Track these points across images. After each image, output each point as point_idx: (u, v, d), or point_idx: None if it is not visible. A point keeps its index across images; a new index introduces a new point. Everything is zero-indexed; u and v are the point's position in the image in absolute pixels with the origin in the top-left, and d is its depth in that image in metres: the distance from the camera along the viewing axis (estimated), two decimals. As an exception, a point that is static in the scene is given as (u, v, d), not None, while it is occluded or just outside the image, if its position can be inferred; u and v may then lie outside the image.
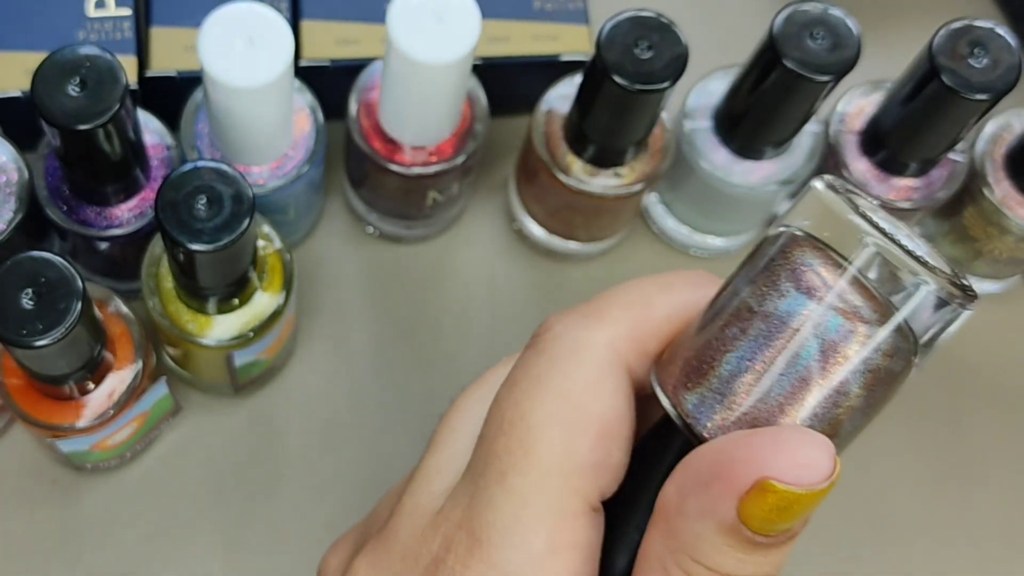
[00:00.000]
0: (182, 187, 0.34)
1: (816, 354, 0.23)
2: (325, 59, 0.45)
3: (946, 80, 0.40)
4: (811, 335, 0.23)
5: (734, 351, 0.23)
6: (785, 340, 0.23)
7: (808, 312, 0.23)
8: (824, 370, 0.23)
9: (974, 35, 0.40)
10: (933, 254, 0.24)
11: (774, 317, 0.23)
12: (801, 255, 0.23)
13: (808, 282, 0.23)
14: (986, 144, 0.47)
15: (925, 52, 0.41)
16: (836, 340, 0.23)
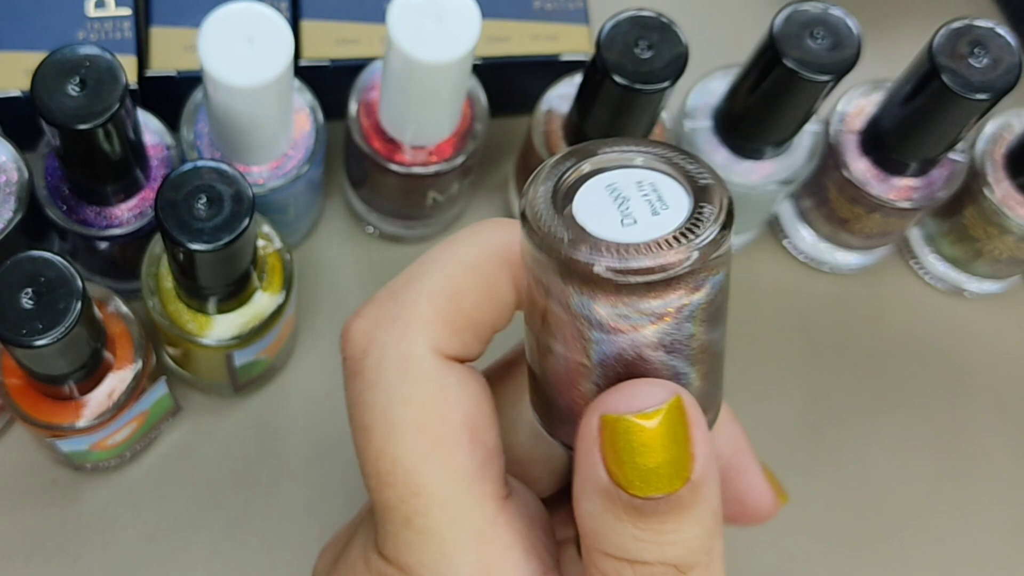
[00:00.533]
0: (182, 187, 0.34)
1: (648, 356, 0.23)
2: (325, 59, 0.45)
3: (946, 80, 0.40)
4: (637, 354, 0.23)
5: (584, 389, 0.23)
6: (623, 367, 0.23)
7: (620, 341, 0.22)
8: (655, 357, 0.23)
9: (974, 35, 0.40)
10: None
11: (600, 363, 0.23)
12: (575, 299, 0.23)
13: (599, 319, 0.22)
14: (986, 144, 0.47)
15: (925, 52, 0.41)
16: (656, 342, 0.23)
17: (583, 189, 0.23)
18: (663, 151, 0.24)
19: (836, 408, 0.49)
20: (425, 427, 0.24)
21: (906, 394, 0.50)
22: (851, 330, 0.51)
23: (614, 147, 0.24)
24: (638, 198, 0.23)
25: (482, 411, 0.25)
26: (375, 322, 0.25)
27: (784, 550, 0.46)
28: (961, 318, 0.52)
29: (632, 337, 0.22)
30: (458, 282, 0.25)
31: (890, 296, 0.52)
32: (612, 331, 0.22)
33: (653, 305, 0.22)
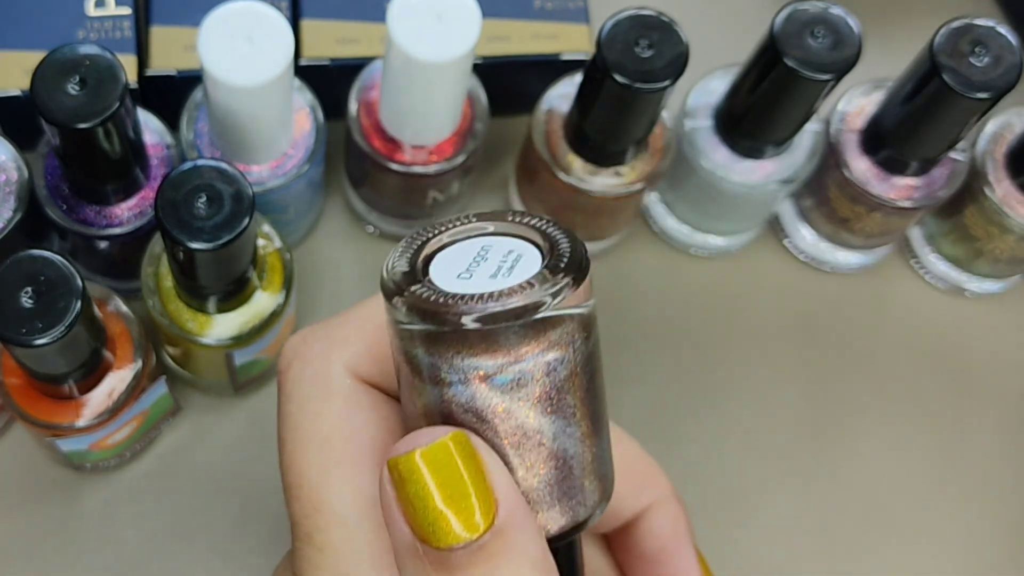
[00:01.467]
0: (182, 186, 0.34)
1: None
2: (325, 58, 0.45)
3: (947, 79, 0.40)
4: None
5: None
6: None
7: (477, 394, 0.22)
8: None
9: (975, 34, 0.40)
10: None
11: (424, 414, 0.23)
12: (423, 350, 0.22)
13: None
14: (987, 143, 0.47)
15: (926, 51, 0.41)
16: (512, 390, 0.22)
17: (439, 256, 0.23)
18: (520, 219, 0.24)
19: (836, 408, 0.49)
20: (330, 443, 0.25)
21: (907, 394, 0.50)
22: (852, 330, 0.51)
23: (471, 220, 0.24)
24: (484, 261, 0.23)
25: (393, 438, 0.25)
26: (303, 339, 0.26)
27: (784, 549, 0.46)
28: (962, 318, 0.51)
29: (445, 392, 0.22)
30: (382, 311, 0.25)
31: (891, 296, 0.52)
32: (431, 382, 0.22)
33: (469, 362, 0.21)
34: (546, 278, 0.22)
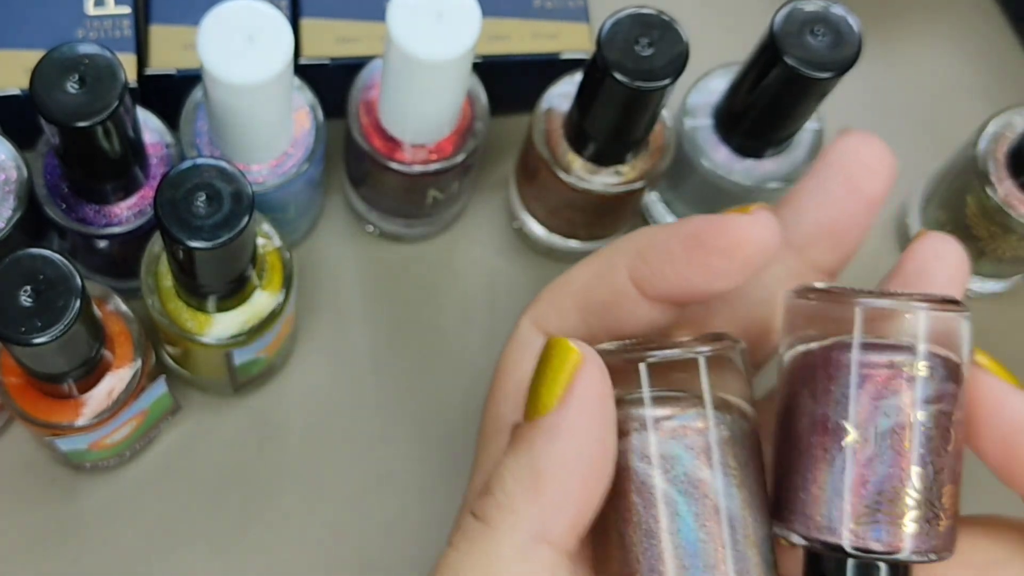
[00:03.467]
0: (181, 185, 0.34)
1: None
2: (325, 57, 0.45)
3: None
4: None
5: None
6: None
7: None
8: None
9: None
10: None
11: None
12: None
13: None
14: (988, 143, 0.47)
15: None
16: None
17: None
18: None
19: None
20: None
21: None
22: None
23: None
24: None
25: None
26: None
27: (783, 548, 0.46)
28: (963, 317, 0.51)
29: (629, 440, 0.24)
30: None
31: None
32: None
33: (651, 412, 0.24)
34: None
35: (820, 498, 0.24)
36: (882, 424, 0.23)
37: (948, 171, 0.49)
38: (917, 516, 0.23)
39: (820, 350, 0.24)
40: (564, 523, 0.24)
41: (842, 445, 0.23)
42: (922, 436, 0.23)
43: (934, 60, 0.56)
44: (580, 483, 0.23)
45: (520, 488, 0.24)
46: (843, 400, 0.23)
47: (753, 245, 0.24)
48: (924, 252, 0.28)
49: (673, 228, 0.26)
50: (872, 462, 0.23)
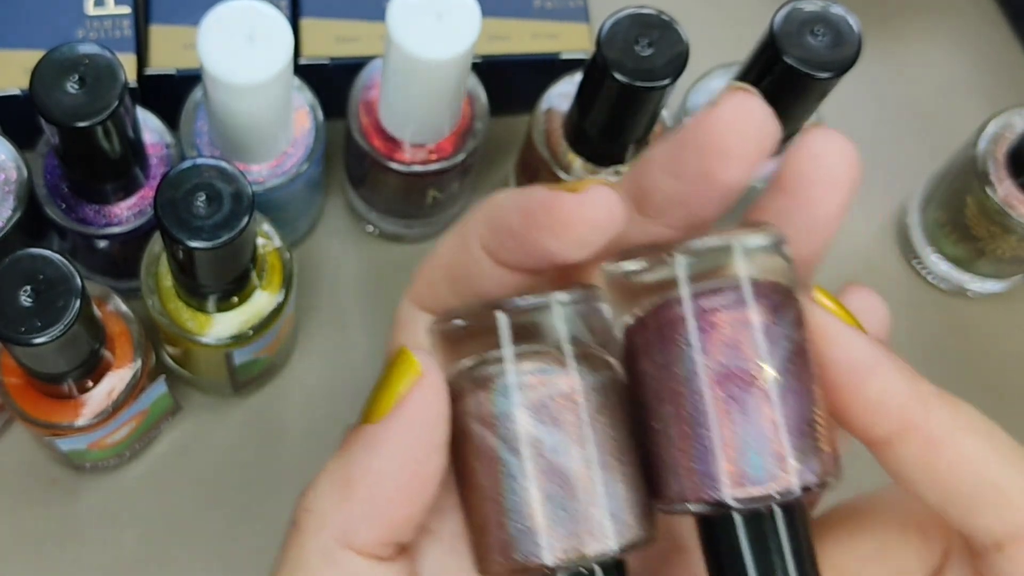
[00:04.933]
0: (181, 185, 0.34)
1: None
2: (325, 57, 0.45)
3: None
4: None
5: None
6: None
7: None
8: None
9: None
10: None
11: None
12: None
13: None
14: (988, 143, 0.47)
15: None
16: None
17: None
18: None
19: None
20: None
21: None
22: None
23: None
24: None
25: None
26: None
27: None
28: (964, 318, 0.51)
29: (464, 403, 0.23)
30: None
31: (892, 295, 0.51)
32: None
33: (481, 371, 0.23)
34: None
35: (693, 460, 0.22)
36: (737, 370, 0.22)
37: (948, 171, 0.49)
38: (801, 445, 0.22)
39: (654, 312, 0.23)
40: (371, 534, 0.23)
41: (702, 402, 0.22)
42: (779, 369, 0.22)
43: (934, 60, 0.56)
44: (391, 498, 0.23)
45: (328, 492, 0.24)
46: (687, 358, 0.22)
47: (583, 225, 0.22)
48: (802, 155, 0.25)
49: (515, 199, 0.24)
50: (735, 410, 0.22)
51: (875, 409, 0.24)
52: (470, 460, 0.23)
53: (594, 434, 0.23)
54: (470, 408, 0.23)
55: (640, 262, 0.23)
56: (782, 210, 0.25)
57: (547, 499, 0.22)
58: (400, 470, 0.23)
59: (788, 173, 0.25)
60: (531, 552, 0.22)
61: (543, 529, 0.22)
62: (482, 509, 0.23)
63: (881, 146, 0.54)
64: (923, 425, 0.23)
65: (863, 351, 0.24)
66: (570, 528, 0.22)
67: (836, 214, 0.25)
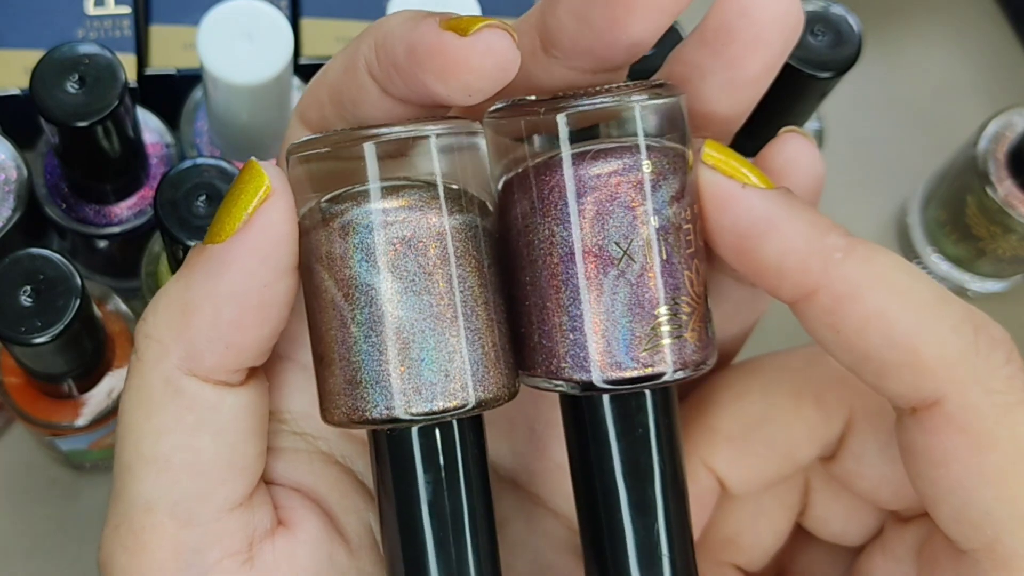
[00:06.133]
0: (181, 184, 0.34)
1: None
2: (325, 57, 0.45)
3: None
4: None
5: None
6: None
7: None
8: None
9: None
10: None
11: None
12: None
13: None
14: (989, 143, 0.47)
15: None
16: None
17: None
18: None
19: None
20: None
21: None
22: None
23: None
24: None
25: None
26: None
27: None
28: (963, 317, 0.51)
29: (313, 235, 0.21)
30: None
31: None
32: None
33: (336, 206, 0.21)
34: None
35: (562, 334, 0.21)
36: (620, 239, 0.21)
37: (948, 171, 0.49)
38: (683, 327, 0.21)
39: (536, 170, 0.21)
40: (215, 360, 0.22)
41: (576, 272, 0.21)
42: (664, 242, 0.21)
43: (934, 60, 0.56)
44: (236, 322, 0.21)
45: (167, 319, 0.22)
46: (568, 223, 0.21)
47: (470, 73, 0.20)
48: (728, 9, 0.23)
49: (403, 29, 0.22)
50: (609, 286, 0.21)
51: (776, 272, 0.22)
52: (312, 301, 0.22)
53: (449, 281, 0.21)
54: (312, 246, 0.21)
55: (520, 118, 0.21)
56: (702, 64, 0.23)
57: (385, 348, 0.20)
58: (245, 294, 0.21)
59: (712, 25, 0.23)
60: (368, 405, 0.21)
61: (379, 381, 0.21)
62: (323, 354, 0.22)
63: (881, 146, 0.54)
64: (826, 283, 0.21)
65: (755, 211, 0.22)
66: (413, 381, 0.20)
67: (762, 75, 0.23)
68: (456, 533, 0.21)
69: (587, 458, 0.22)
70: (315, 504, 0.24)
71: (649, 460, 0.21)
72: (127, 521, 0.22)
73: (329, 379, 0.22)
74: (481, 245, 0.21)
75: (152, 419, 0.22)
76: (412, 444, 0.21)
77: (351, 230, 0.21)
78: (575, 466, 0.22)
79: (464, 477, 0.21)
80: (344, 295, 0.21)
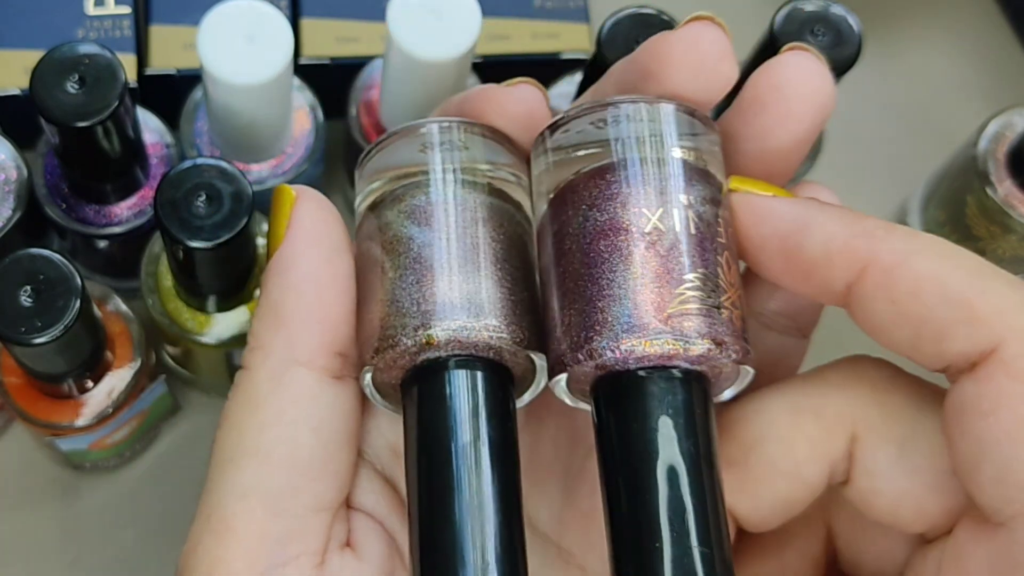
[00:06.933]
0: (181, 184, 0.34)
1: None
2: (325, 57, 0.45)
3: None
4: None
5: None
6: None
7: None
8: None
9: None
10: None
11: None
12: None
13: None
14: (989, 143, 0.47)
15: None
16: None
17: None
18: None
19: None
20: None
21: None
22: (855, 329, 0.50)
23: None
24: None
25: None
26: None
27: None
28: (963, 317, 0.51)
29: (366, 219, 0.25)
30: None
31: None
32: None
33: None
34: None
35: (601, 318, 0.22)
36: (651, 214, 0.22)
37: (948, 171, 0.49)
38: (710, 304, 0.22)
39: (588, 173, 0.23)
40: (311, 342, 0.24)
41: (624, 263, 0.22)
42: (698, 222, 0.22)
43: (934, 60, 0.56)
44: (315, 302, 0.24)
45: (265, 326, 0.24)
46: (605, 201, 0.22)
47: (504, 118, 0.25)
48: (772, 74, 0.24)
49: (468, 91, 0.27)
50: (645, 273, 0.22)
51: (824, 263, 0.22)
52: (361, 275, 0.24)
53: (472, 237, 0.23)
54: (364, 231, 0.25)
55: (565, 131, 0.24)
56: (736, 133, 0.24)
57: (418, 281, 0.23)
58: (316, 273, 0.24)
59: (748, 95, 0.24)
60: (401, 331, 0.23)
61: (412, 307, 0.23)
62: (368, 313, 0.24)
63: (881, 146, 0.54)
64: (875, 257, 0.22)
65: (790, 212, 0.23)
66: (444, 311, 0.22)
67: (793, 148, 0.24)
68: (479, 474, 0.22)
69: (625, 442, 0.22)
70: (380, 526, 0.25)
71: (689, 443, 0.21)
72: (219, 509, 0.24)
73: (368, 328, 0.24)
74: (506, 224, 0.24)
75: (257, 414, 0.24)
76: (440, 378, 0.23)
77: (395, 200, 0.24)
78: (606, 454, 0.22)
79: (488, 421, 0.22)
80: (386, 251, 0.24)
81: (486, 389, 0.23)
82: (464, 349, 0.22)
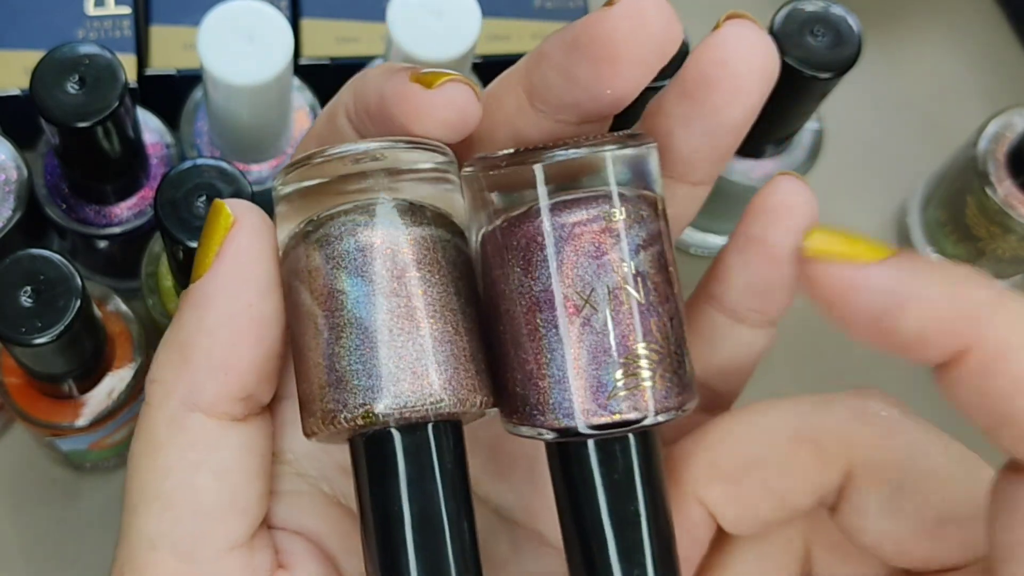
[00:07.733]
0: (181, 185, 0.34)
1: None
2: (325, 57, 0.45)
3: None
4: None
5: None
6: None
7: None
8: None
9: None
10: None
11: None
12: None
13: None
14: (989, 143, 0.47)
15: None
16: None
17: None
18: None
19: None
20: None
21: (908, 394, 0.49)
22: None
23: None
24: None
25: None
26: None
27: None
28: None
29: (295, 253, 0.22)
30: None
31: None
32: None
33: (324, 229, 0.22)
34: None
35: (545, 383, 0.21)
36: (595, 286, 0.21)
37: (948, 171, 0.49)
38: (657, 373, 0.21)
39: (510, 223, 0.22)
40: (213, 390, 0.22)
41: (555, 320, 0.21)
42: (641, 287, 0.21)
43: (934, 60, 0.56)
44: (226, 348, 0.22)
45: (168, 361, 0.23)
46: (545, 272, 0.21)
47: (432, 122, 0.22)
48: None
49: (377, 80, 0.23)
50: (594, 330, 0.21)
51: (919, 342, 0.21)
52: (292, 319, 0.22)
53: (409, 286, 0.22)
54: (291, 264, 0.22)
55: (500, 170, 0.22)
56: (684, 114, 0.23)
57: (354, 349, 0.21)
58: (233, 318, 0.22)
59: (692, 76, 0.23)
60: (342, 405, 0.21)
61: (351, 380, 0.21)
62: (304, 369, 0.22)
63: (881, 146, 0.54)
64: (976, 344, 0.20)
65: (884, 285, 0.21)
66: (383, 380, 0.21)
67: (742, 122, 0.24)
68: (435, 535, 0.21)
69: (574, 503, 0.22)
70: (316, 547, 0.25)
71: (635, 503, 0.22)
72: (131, 560, 0.23)
73: (306, 389, 0.22)
74: (444, 258, 0.22)
75: (157, 459, 0.23)
76: (388, 445, 0.22)
77: (323, 242, 0.22)
78: (563, 511, 0.23)
79: (441, 481, 0.22)
80: (318, 303, 0.22)
81: (437, 446, 0.22)
82: (410, 419, 0.22)
